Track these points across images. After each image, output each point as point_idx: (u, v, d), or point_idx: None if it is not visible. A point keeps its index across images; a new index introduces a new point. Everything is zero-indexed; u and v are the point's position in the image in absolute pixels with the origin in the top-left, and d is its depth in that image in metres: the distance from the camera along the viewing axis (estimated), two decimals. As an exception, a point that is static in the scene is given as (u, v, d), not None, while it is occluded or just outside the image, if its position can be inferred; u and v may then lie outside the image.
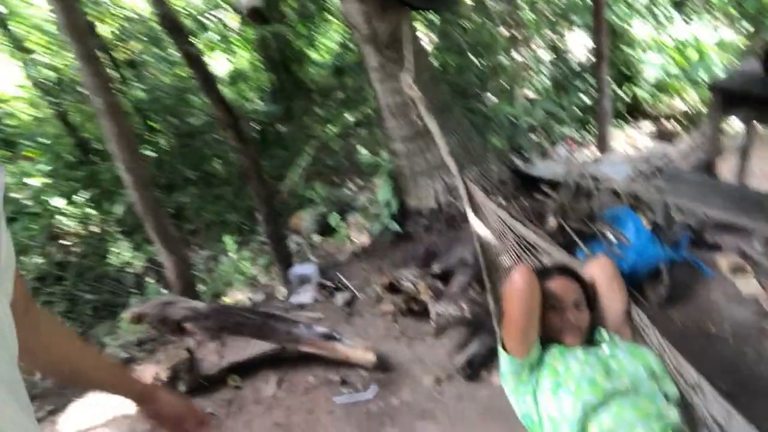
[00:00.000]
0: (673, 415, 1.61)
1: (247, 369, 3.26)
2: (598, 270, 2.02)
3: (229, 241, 4.56)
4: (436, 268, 3.57)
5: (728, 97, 3.36)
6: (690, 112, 5.59)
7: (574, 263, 2.27)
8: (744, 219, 3.02)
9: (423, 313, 3.42)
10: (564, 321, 1.82)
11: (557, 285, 1.91)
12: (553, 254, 2.47)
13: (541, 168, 4.62)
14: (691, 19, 5.75)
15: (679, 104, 5.79)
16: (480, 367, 3.00)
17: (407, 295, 3.43)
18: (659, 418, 1.57)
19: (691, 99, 5.62)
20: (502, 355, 1.79)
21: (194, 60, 3.68)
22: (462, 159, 3.96)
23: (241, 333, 3.21)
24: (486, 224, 2.87)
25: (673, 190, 3.31)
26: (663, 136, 5.45)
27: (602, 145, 5.19)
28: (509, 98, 5.51)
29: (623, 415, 1.58)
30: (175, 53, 5.93)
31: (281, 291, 3.94)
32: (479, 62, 5.89)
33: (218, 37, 8.19)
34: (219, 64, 9.41)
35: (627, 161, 4.78)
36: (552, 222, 3.61)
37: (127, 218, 5.04)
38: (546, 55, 6.55)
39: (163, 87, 6.69)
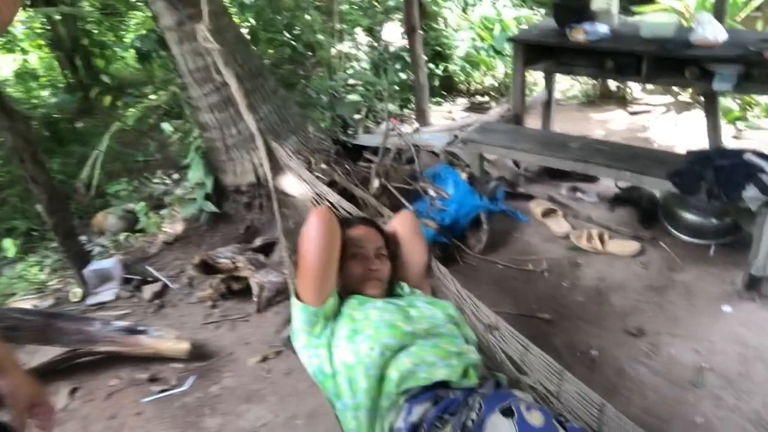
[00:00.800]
0: (474, 354, 1.54)
1: (28, 384, 2.65)
2: (400, 224, 1.95)
3: (9, 245, 3.80)
4: (258, 241, 3.26)
5: (528, 49, 3.51)
6: (498, 86, 5.93)
7: (376, 219, 2.16)
8: (551, 159, 3.14)
9: (245, 292, 3.09)
10: (365, 270, 1.71)
11: (359, 232, 1.79)
12: (355, 212, 2.32)
13: (364, 139, 4.53)
14: (495, 1, 6.13)
15: (489, 80, 6.12)
16: (309, 336, 2.75)
17: (226, 274, 3.07)
18: (460, 356, 1.49)
19: (498, 74, 5.97)
20: (295, 306, 1.58)
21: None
22: (278, 127, 3.71)
23: (16, 339, 2.59)
24: (288, 184, 2.64)
25: (486, 140, 3.37)
26: (477, 108, 5.72)
27: (422, 119, 5.27)
28: (329, 75, 5.37)
29: (423, 356, 1.46)
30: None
31: (76, 292, 3.33)
32: (296, 43, 5.69)
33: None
34: (5, 65, 8.18)
35: (445, 130, 4.90)
36: (376, 183, 3.50)
37: None
38: (364, 41, 6.55)
39: None
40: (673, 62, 3.02)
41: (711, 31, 2.97)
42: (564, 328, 2.72)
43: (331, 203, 2.30)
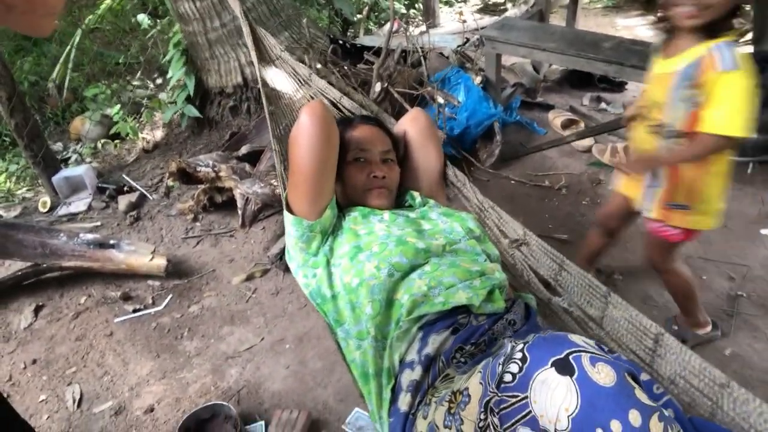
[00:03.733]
0: (498, 273, 1.25)
1: (-10, 300, 2.42)
2: (410, 123, 1.60)
3: (-27, 151, 3.47)
4: (243, 149, 2.91)
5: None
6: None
7: (384, 116, 1.81)
8: (579, 59, 2.73)
9: (230, 206, 2.78)
10: (369, 178, 1.42)
11: (362, 132, 1.48)
12: (359, 111, 1.95)
13: (365, 40, 4.08)
14: None
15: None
16: (300, 254, 2.47)
17: (208, 185, 2.75)
18: (483, 276, 1.21)
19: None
20: (287, 220, 1.31)
21: None
22: (267, 20, 3.26)
23: (-32, 252, 2.33)
24: (279, 78, 2.26)
25: (505, 38, 2.94)
26: (491, 10, 5.18)
27: (430, 20, 4.77)
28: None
29: (439, 277, 1.19)
30: None
31: (44, 202, 3.03)
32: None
33: None
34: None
35: (456, 33, 4.42)
36: (377, 87, 3.11)
37: None
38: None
39: None
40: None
41: None
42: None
43: (330, 102, 1.94)
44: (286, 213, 1.32)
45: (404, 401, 1.07)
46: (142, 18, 3.47)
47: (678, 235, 1.67)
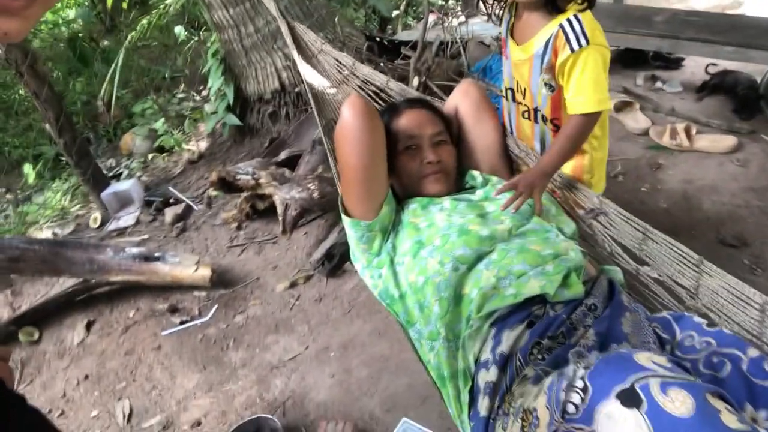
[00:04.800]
0: (573, 253, 1.13)
1: (45, 316, 2.47)
2: (461, 97, 1.51)
3: (29, 171, 3.59)
4: (282, 155, 2.88)
5: None
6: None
7: (432, 100, 1.71)
8: (630, 36, 2.55)
9: (272, 212, 2.75)
10: (422, 164, 1.34)
11: (408, 118, 1.39)
12: (408, 94, 1.86)
13: (403, 35, 3.99)
14: None
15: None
16: (343, 258, 2.41)
17: (250, 193, 2.73)
18: (557, 259, 1.10)
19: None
20: (346, 222, 1.27)
21: None
22: (301, 22, 3.21)
23: (20, 271, 2.39)
24: (323, 73, 2.21)
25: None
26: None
27: (469, 7, 4.62)
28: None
29: (508, 265, 1.08)
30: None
31: (95, 218, 3.10)
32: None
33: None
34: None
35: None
36: (415, 82, 3.02)
37: None
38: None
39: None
40: None
41: None
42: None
43: (377, 87, 1.86)
44: (343, 216, 1.27)
45: (483, 405, 0.98)
46: (179, 30, 3.50)
47: None
